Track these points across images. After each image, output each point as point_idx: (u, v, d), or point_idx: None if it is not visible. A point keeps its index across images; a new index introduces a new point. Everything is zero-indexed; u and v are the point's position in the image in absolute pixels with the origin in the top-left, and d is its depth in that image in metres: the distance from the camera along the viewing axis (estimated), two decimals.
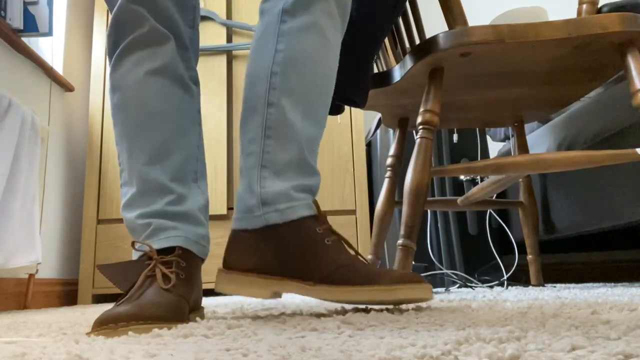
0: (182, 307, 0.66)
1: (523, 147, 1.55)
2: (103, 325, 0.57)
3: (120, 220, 2.10)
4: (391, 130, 2.04)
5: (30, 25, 1.73)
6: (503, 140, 2.12)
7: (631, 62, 1.00)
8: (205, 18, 2.32)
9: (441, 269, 1.82)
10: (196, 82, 0.85)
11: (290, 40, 0.77)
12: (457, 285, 1.75)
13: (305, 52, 0.77)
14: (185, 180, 0.79)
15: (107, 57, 0.79)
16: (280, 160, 0.76)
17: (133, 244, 0.73)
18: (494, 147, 2.66)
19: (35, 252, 1.58)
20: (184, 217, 0.77)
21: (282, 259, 0.73)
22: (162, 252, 0.73)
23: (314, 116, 0.78)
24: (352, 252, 0.76)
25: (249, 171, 0.77)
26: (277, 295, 0.77)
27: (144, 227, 0.75)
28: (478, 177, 1.92)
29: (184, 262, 0.72)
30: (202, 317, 0.81)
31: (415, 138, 1.09)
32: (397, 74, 1.19)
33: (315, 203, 0.77)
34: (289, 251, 0.73)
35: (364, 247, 2.16)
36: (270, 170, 0.76)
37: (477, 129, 1.99)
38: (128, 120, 0.78)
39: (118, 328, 0.56)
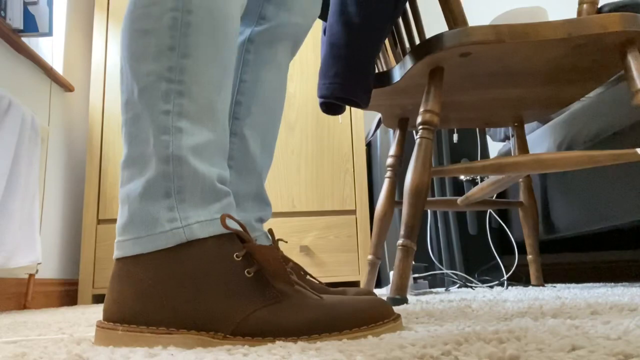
0: None
1: (523, 147, 1.55)
2: None
3: None
4: (391, 130, 2.04)
5: (30, 25, 1.73)
6: (503, 140, 2.12)
7: (631, 62, 1.00)
8: None
9: (441, 269, 1.82)
10: None
11: (253, 72, 0.80)
12: (457, 285, 1.75)
13: (267, 86, 0.80)
14: None
15: None
16: (240, 192, 0.77)
17: (224, 219, 0.51)
18: (494, 147, 2.66)
19: (35, 252, 1.58)
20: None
21: None
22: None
23: (269, 148, 0.81)
24: (310, 278, 0.76)
25: None
26: None
27: (226, 192, 0.57)
28: (478, 177, 1.92)
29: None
30: None
31: (415, 138, 1.09)
32: (397, 74, 1.19)
33: (270, 231, 0.74)
34: None
35: (364, 247, 2.16)
36: None
37: (477, 129, 1.99)
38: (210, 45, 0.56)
39: None
